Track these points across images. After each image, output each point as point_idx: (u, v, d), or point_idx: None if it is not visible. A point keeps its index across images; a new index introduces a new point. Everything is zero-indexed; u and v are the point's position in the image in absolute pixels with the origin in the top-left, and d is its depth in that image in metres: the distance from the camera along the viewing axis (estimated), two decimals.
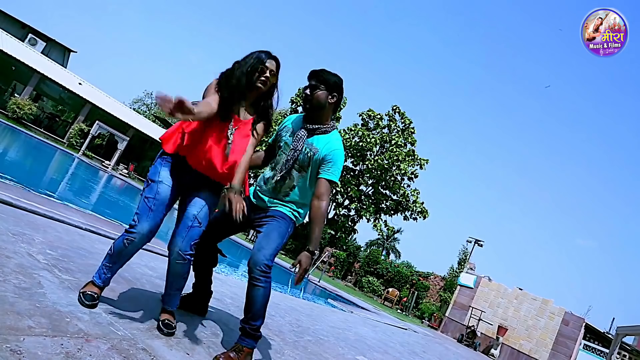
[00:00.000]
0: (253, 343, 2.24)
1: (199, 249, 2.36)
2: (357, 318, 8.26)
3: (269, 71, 2.21)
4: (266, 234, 2.27)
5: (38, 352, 1.42)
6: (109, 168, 21.98)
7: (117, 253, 2.07)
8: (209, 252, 2.54)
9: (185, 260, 2.09)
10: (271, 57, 2.26)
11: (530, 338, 13.72)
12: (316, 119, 2.42)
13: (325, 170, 2.36)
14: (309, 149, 2.38)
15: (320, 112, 2.40)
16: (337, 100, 2.43)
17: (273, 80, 2.25)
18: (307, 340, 3.68)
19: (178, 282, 2.18)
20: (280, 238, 2.27)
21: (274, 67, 2.25)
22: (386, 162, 24.70)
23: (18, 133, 18.15)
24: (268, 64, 2.21)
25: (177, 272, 2.14)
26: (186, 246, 2.07)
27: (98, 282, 2.09)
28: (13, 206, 3.47)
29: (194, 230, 2.09)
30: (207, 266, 2.63)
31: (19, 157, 12.30)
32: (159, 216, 2.06)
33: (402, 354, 5.60)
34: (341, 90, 2.44)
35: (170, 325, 2.13)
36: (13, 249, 2.36)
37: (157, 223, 2.06)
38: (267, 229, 2.30)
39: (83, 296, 2.00)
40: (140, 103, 52.71)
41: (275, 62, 2.26)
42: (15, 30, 25.35)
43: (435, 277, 27.84)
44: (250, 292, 2.19)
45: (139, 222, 2.02)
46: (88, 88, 25.51)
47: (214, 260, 2.62)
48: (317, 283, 14.79)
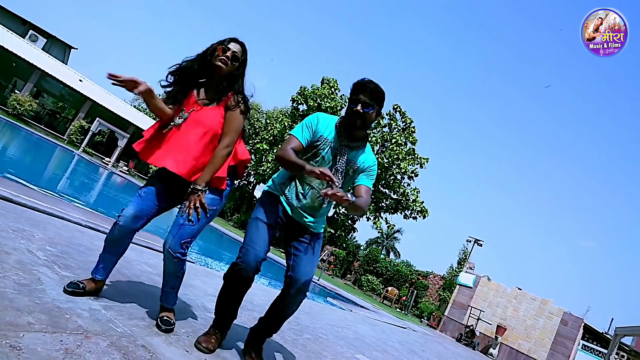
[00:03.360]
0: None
1: (248, 268, 2.13)
2: (356, 317, 8.27)
3: (231, 52, 2.16)
4: (310, 258, 2.27)
5: (37, 349, 1.43)
6: (109, 165, 21.98)
7: (107, 240, 2.14)
8: (251, 279, 2.21)
9: (175, 259, 2.08)
10: (236, 41, 2.22)
11: (529, 338, 13.74)
12: (357, 136, 2.28)
13: (364, 178, 2.30)
14: (349, 167, 2.30)
15: (365, 131, 2.29)
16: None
17: (234, 61, 2.17)
18: (306, 338, 3.68)
19: (172, 281, 2.17)
20: (317, 261, 2.34)
21: (238, 50, 2.20)
22: (386, 161, 24.69)
23: (18, 129, 18.15)
24: (230, 46, 2.18)
25: (169, 270, 2.13)
26: (176, 244, 2.05)
27: (94, 275, 2.15)
28: (13, 202, 3.48)
29: (185, 229, 2.07)
30: (241, 295, 2.27)
31: (19, 154, 12.31)
32: (147, 204, 2.11)
33: (401, 353, 5.61)
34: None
35: (169, 322, 2.14)
36: (13, 245, 2.37)
37: (142, 209, 2.09)
38: (309, 251, 2.29)
39: (67, 285, 2.03)
40: (141, 100, 52.52)
41: (240, 46, 2.22)
42: (15, 27, 25.29)
43: (434, 277, 27.87)
44: (284, 308, 2.27)
45: (126, 207, 2.10)
46: (88, 85, 25.49)
47: (248, 288, 2.31)
48: (317, 282, 14.80)
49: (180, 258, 2.09)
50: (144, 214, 2.11)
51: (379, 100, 2.20)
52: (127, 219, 2.07)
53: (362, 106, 2.16)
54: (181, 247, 2.07)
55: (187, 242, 2.09)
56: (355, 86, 2.20)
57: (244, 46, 2.24)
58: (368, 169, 2.32)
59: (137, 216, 2.08)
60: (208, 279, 4.36)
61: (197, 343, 2.13)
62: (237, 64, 2.20)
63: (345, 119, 2.25)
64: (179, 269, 2.14)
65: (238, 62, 2.20)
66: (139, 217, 2.09)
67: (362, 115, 2.17)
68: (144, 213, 2.10)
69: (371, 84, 2.18)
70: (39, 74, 21.69)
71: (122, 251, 2.19)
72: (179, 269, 2.14)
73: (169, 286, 2.18)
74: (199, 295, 3.36)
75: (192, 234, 2.09)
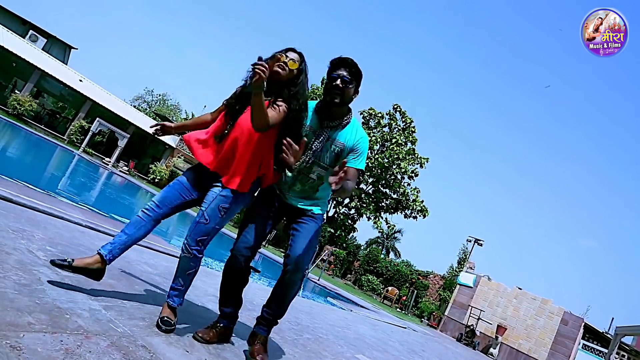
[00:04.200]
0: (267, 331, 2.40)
1: (238, 259, 2.25)
2: (356, 316, 8.27)
3: (289, 59, 2.24)
4: (306, 236, 2.28)
5: (38, 349, 1.43)
6: (109, 165, 21.99)
7: (131, 222, 2.21)
8: (244, 268, 2.30)
9: (190, 254, 2.14)
10: (294, 51, 2.31)
11: (529, 337, 13.74)
12: (337, 113, 2.29)
13: (353, 160, 2.29)
14: (334, 146, 2.30)
15: (344, 107, 2.29)
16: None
17: (293, 66, 2.25)
18: (307, 338, 3.69)
19: (183, 278, 2.20)
20: (316, 241, 2.35)
21: (295, 57, 2.28)
22: (386, 161, 24.68)
23: (18, 130, 18.15)
24: (289, 54, 2.27)
25: (182, 266, 2.18)
26: (192, 241, 2.13)
27: (102, 251, 2.13)
28: (13, 202, 3.48)
29: (199, 227, 2.14)
30: (238, 285, 2.37)
31: (19, 154, 12.31)
32: (172, 192, 2.24)
33: (401, 353, 5.61)
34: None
35: (169, 322, 2.14)
36: (13, 245, 2.37)
37: (166, 197, 2.23)
38: (305, 230, 2.30)
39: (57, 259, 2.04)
40: (141, 100, 52.65)
41: (297, 54, 2.30)
42: (16, 27, 25.28)
43: (434, 276, 27.87)
44: (284, 288, 2.28)
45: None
46: (89, 85, 25.48)
47: (245, 278, 2.39)
48: (317, 282, 14.80)
49: (196, 255, 2.15)
50: (167, 200, 2.23)
51: (357, 77, 2.25)
52: (153, 203, 2.20)
53: (341, 81, 2.20)
54: (197, 244, 2.13)
55: (203, 239, 2.14)
56: (334, 62, 2.26)
57: (302, 55, 2.31)
58: (354, 146, 2.32)
59: (161, 202, 2.22)
60: (208, 279, 4.36)
61: (195, 334, 2.20)
62: (294, 72, 2.26)
63: (324, 97, 2.29)
64: (193, 266, 2.18)
65: (297, 68, 2.26)
66: (162, 203, 2.22)
67: (342, 89, 2.21)
68: (167, 200, 2.23)
69: (350, 60, 2.23)
70: (39, 74, 21.69)
71: (136, 235, 2.20)
72: (193, 266, 2.18)
73: (178, 284, 2.21)
74: (199, 295, 3.37)
75: (206, 232, 2.15)
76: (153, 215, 2.20)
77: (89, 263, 2.08)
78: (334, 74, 2.22)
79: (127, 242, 2.18)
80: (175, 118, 48.23)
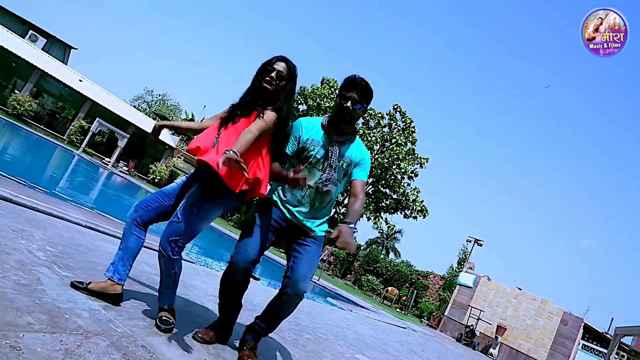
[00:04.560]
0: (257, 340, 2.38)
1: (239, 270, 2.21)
2: (356, 317, 8.27)
3: (276, 72, 2.22)
4: (309, 261, 2.26)
5: (37, 349, 1.43)
6: (109, 165, 21.99)
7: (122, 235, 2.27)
8: (244, 280, 2.29)
9: (164, 256, 2.06)
10: (282, 60, 2.26)
11: (529, 338, 13.75)
12: (345, 130, 2.35)
13: (358, 173, 2.38)
14: (342, 161, 2.36)
15: (352, 126, 2.37)
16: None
17: (279, 80, 2.23)
18: (306, 338, 3.69)
19: (165, 280, 2.14)
20: (317, 263, 2.35)
21: (283, 68, 2.24)
22: (386, 161, 24.69)
23: (18, 130, 18.14)
24: (275, 66, 2.23)
25: (161, 268, 2.13)
26: (164, 241, 2.05)
27: (107, 274, 2.22)
28: (13, 202, 3.48)
29: (171, 226, 2.07)
30: (238, 294, 2.35)
31: (19, 154, 12.30)
32: (150, 196, 2.28)
33: (401, 353, 5.61)
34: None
35: (168, 322, 2.13)
36: (13, 245, 2.37)
37: (143, 200, 2.26)
38: (309, 254, 2.29)
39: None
40: (141, 100, 52.66)
41: (285, 64, 2.26)
42: (15, 27, 25.27)
43: (434, 276, 27.89)
44: (280, 309, 2.26)
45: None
46: (88, 85, 25.47)
47: (244, 287, 2.37)
48: (317, 282, 14.80)
49: (170, 256, 2.05)
50: (143, 205, 2.24)
51: (367, 98, 2.29)
52: (130, 209, 2.24)
53: (352, 103, 2.24)
54: (169, 244, 2.04)
55: (175, 240, 2.05)
56: (346, 82, 2.28)
57: (289, 63, 2.28)
58: (361, 161, 2.40)
59: (137, 205, 2.24)
60: (208, 279, 4.36)
61: (195, 334, 2.21)
62: (283, 82, 2.25)
63: (334, 115, 2.35)
64: (170, 268, 2.10)
65: (283, 80, 2.25)
66: (139, 207, 2.23)
67: (351, 111, 2.25)
68: (143, 204, 2.24)
69: (362, 82, 2.26)
70: (39, 74, 21.68)
71: (128, 246, 2.22)
72: (170, 268, 2.10)
73: (162, 286, 2.17)
74: (199, 295, 3.37)
75: (178, 232, 2.04)
76: (131, 219, 2.20)
77: (104, 287, 2.15)
78: (346, 94, 2.25)
79: (124, 256, 2.19)
80: (175, 118, 48.18)
